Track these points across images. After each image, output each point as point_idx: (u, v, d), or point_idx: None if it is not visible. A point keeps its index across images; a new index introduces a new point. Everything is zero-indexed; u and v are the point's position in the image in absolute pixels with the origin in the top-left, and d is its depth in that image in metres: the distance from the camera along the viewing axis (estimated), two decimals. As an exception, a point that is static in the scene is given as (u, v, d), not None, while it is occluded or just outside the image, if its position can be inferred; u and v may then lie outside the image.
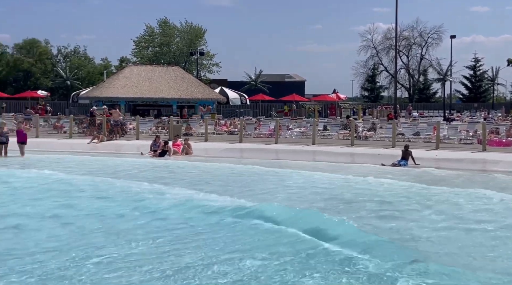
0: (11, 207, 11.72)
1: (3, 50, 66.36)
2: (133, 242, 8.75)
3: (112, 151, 23.89)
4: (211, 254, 8.06)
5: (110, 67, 67.20)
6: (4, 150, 21.04)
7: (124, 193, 13.34)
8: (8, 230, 9.68)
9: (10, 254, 8.14)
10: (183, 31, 60.88)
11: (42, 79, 63.56)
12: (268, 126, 28.89)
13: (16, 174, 16.52)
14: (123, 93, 36.77)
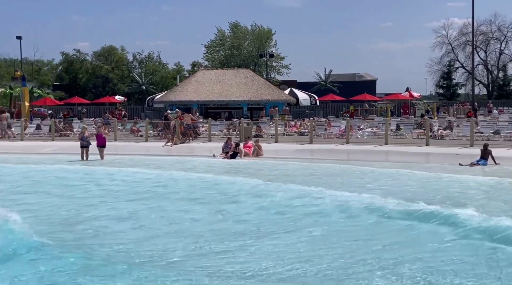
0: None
1: (83, 58, 69.84)
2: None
3: (186, 153, 24.48)
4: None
5: (182, 71, 69.01)
6: (85, 153, 22.11)
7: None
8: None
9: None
10: (253, 34, 61.50)
11: (119, 85, 66.32)
12: (339, 127, 28.56)
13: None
14: (196, 96, 37.63)
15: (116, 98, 50.76)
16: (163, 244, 9.11)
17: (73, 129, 31.35)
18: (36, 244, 8.40)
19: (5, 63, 69.44)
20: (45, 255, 7.94)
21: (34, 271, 7.34)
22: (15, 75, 41.55)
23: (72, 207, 12.35)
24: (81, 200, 13.35)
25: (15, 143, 28.34)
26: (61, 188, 15.29)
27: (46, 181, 16.63)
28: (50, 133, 29.93)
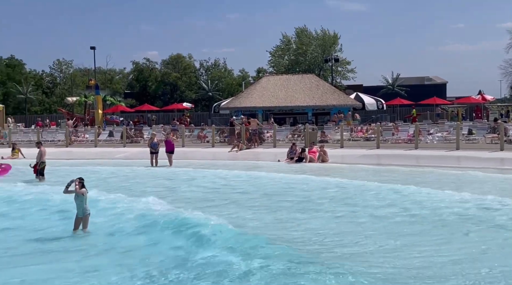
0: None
1: (153, 66, 72.14)
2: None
3: (251, 159, 24.68)
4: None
5: (247, 78, 69.75)
6: (155, 159, 22.79)
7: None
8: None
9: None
10: (318, 39, 61.26)
11: (186, 92, 67.96)
12: (407, 131, 27.85)
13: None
14: (260, 102, 37.91)
15: (183, 105, 52.00)
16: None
17: (143, 136, 32.42)
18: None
19: (80, 72, 72.92)
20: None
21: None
22: (89, 84, 43.51)
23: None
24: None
25: (89, 149, 29.65)
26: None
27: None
28: (122, 139, 31.11)
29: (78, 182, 10.50)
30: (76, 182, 10.51)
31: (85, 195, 10.56)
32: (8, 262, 9.00)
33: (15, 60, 69.63)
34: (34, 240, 10.37)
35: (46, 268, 8.63)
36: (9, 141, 30.94)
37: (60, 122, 42.16)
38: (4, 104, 51.91)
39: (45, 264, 8.86)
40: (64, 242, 10.18)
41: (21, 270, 8.43)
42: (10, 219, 12.40)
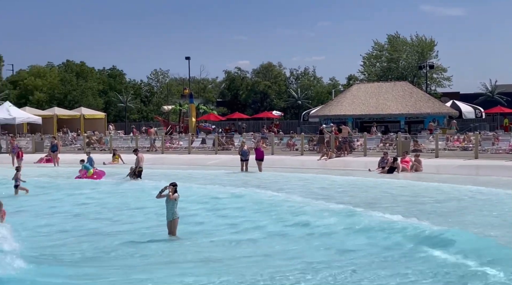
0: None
1: (244, 75, 73.57)
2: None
3: (341, 168, 24.37)
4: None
5: (337, 86, 69.10)
6: (245, 166, 23.19)
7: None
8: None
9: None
10: (412, 45, 59.46)
11: (276, 100, 68.59)
12: (508, 141, 26.22)
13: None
14: (351, 110, 37.37)
15: (273, 113, 52.47)
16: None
17: (234, 143, 33.10)
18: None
19: (175, 82, 75.95)
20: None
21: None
22: (183, 93, 45.09)
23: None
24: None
25: (183, 156, 30.74)
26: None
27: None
28: (214, 147, 31.97)
29: (172, 187, 10.92)
30: (170, 187, 10.93)
31: (177, 200, 10.96)
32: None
33: (116, 70, 73.94)
34: (135, 242, 10.91)
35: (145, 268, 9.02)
36: (110, 147, 32.83)
37: (157, 130, 44.10)
38: (106, 112, 55.27)
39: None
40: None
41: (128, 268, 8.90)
42: (119, 223, 13.11)
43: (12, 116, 36.39)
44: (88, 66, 69.59)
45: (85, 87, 63.06)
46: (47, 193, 17.93)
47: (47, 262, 9.27)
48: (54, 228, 12.52)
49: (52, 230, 12.31)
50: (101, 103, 64.69)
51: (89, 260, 9.57)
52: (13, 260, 8.37)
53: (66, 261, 9.48)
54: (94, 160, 22.61)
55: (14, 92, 61.63)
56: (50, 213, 14.54)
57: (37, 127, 41.34)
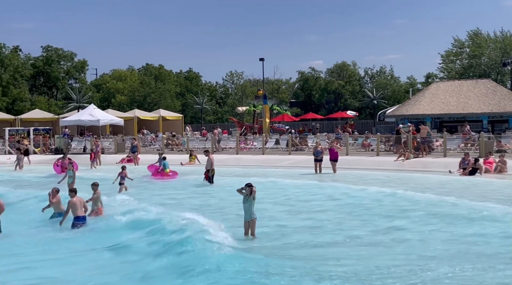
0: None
1: (317, 75, 73.12)
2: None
3: (419, 168, 23.61)
4: None
5: (415, 85, 67.05)
6: (319, 167, 23.02)
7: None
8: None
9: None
10: (496, 41, 56.57)
11: (350, 100, 67.62)
12: None
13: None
14: (429, 110, 36.14)
15: (347, 113, 51.77)
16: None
17: (307, 144, 32.96)
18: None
19: (250, 83, 76.83)
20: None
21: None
22: (257, 94, 45.52)
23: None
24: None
25: (257, 156, 30.98)
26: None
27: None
28: (288, 147, 31.98)
29: (248, 187, 11.03)
30: (246, 188, 11.04)
31: (255, 200, 11.04)
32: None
33: (193, 73, 75.88)
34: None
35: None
36: (187, 148, 33.70)
37: (232, 131, 44.79)
38: (183, 114, 56.86)
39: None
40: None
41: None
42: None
43: (96, 118, 38.23)
44: (166, 69, 71.97)
45: (163, 89, 65.18)
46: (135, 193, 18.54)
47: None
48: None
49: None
50: (178, 105, 66.62)
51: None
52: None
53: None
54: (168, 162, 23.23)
55: (97, 95, 64.83)
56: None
57: (119, 129, 43.20)
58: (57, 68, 64.69)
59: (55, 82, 65.37)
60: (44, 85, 66.62)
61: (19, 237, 11.79)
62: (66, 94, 63.16)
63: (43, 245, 11.09)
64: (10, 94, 57.89)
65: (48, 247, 10.92)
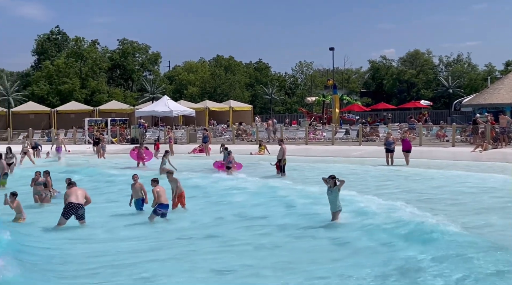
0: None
1: (389, 64, 71.27)
2: None
3: (498, 160, 22.55)
4: None
5: (494, 73, 63.85)
6: (390, 158, 22.51)
7: None
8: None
9: None
10: None
11: (423, 90, 65.46)
12: None
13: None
14: (509, 99, 34.32)
15: (421, 103, 50.20)
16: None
17: (379, 134, 32.32)
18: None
19: (319, 73, 76.16)
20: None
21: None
22: (327, 84, 45.11)
23: None
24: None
25: (326, 147, 30.78)
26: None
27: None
28: (358, 138, 31.52)
29: (331, 179, 11.05)
30: (329, 180, 11.07)
31: (339, 192, 11.03)
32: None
33: (262, 63, 76.21)
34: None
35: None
36: (257, 138, 34.00)
37: (301, 121, 44.69)
38: (252, 104, 57.34)
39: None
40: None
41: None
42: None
43: (170, 109, 39.37)
44: (236, 60, 72.70)
45: (233, 80, 65.96)
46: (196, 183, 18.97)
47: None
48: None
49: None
50: (248, 96, 67.20)
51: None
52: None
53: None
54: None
55: (170, 87, 66.61)
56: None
57: (191, 120, 44.25)
58: (133, 61, 67.04)
59: (130, 75, 67.80)
60: (121, 77, 69.27)
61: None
62: (141, 86, 65.40)
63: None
64: (89, 86, 60.66)
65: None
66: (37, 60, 66.43)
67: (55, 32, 66.66)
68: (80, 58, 61.47)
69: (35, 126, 44.17)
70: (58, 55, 62.43)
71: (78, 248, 10.32)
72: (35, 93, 57.56)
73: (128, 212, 13.40)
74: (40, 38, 65.86)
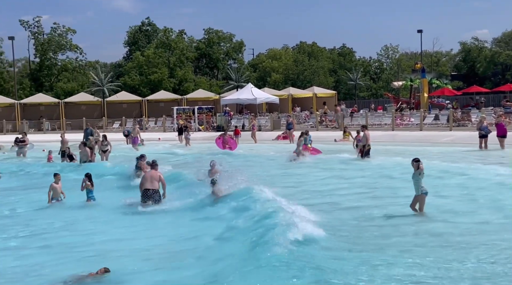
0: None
1: (482, 46, 67.54)
2: None
3: None
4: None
5: None
6: (484, 143, 21.46)
7: None
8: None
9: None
10: None
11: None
12: None
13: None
14: None
15: (517, 85, 47.19)
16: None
17: (471, 119, 30.86)
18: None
19: (406, 56, 73.67)
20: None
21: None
22: (415, 67, 43.43)
23: None
24: None
25: (414, 133, 29.84)
26: None
27: None
28: (448, 123, 30.27)
29: (415, 163, 10.84)
30: (413, 163, 10.84)
31: (421, 175, 10.77)
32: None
33: (346, 48, 74.94)
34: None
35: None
36: (341, 125, 33.60)
37: (387, 107, 43.57)
38: (336, 90, 56.65)
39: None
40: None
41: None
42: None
43: (254, 96, 39.86)
44: (319, 46, 72.00)
45: (316, 67, 65.45)
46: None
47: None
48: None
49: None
50: (331, 82, 66.44)
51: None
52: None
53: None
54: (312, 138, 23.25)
55: (254, 75, 67.31)
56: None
57: (275, 107, 44.53)
58: (218, 50, 68.39)
59: (216, 63, 69.25)
60: (206, 66, 70.93)
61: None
62: (225, 74, 66.62)
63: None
64: (177, 75, 62.69)
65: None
66: (128, 51, 69.55)
67: (145, 23, 69.35)
68: (168, 49, 63.59)
69: (127, 115, 46.47)
70: (148, 46, 64.97)
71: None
72: (127, 83, 60.37)
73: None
74: (131, 29, 68.87)
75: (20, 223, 11.89)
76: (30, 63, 65.67)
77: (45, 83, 62.14)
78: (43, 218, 12.22)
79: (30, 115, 47.59)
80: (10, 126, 44.82)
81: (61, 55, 64.08)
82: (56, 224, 11.69)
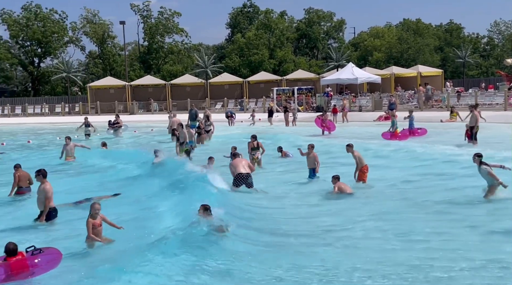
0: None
1: None
2: None
3: None
4: None
5: None
6: None
7: None
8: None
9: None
10: None
11: None
12: None
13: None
14: None
15: None
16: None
17: None
18: None
19: (521, 32, 68.34)
20: None
21: None
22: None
23: None
24: None
25: None
26: None
27: None
28: None
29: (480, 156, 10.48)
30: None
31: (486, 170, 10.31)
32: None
33: (454, 25, 70.91)
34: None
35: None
36: (447, 105, 32.11)
37: (499, 85, 40.92)
38: (442, 69, 53.97)
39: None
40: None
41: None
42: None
43: (355, 76, 39.15)
44: (424, 23, 68.77)
45: (421, 44, 62.66)
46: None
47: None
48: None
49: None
50: (438, 60, 63.37)
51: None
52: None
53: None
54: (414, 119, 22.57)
55: (355, 54, 65.89)
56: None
57: (376, 86, 43.43)
58: (318, 29, 67.68)
59: (315, 43, 68.65)
60: (306, 46, 70.55)
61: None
62: (325, 54, 65.86)
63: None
64: (277, 56, 63.01)
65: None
66: (230, 33, 70.91)
67: (247, 5, 70.16)
68: (268, 30, 63.98)
69: (229, 96, 47.65)
70: (249, 28, 65.80)
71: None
72: (229, 65, 61.74)
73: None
74: (233, 11, 70.05)
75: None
76: (139, 46, 69.19)
77: (152, 65, 65.28)
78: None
79: (139, 96, 50.34)
80: (121, 107, 47.75)
81: (167, 39, 66.91)
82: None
